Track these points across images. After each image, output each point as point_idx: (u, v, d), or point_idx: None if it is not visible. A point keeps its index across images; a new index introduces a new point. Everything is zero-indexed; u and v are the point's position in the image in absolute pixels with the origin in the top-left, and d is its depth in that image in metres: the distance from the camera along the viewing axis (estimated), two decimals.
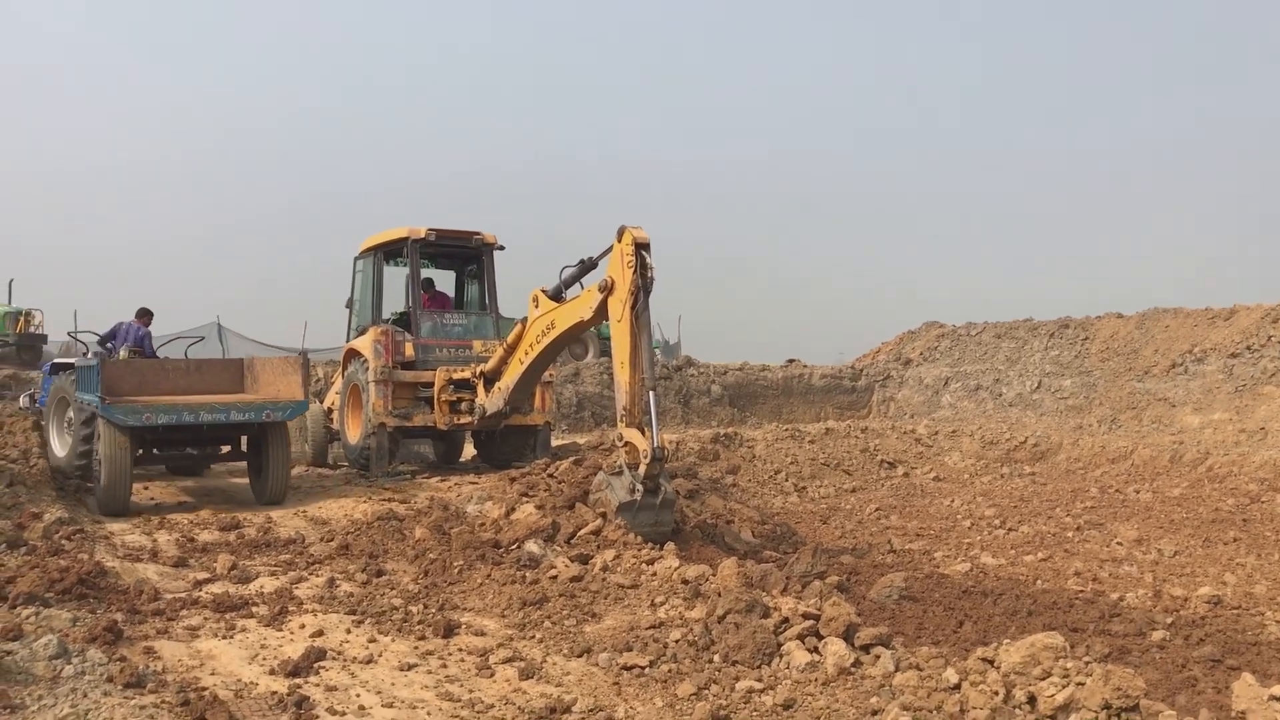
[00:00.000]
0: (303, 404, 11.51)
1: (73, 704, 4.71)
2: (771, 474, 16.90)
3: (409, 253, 14.02)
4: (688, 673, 5.56)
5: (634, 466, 8.59)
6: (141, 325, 14.29)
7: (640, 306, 8.79)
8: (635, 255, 8.78)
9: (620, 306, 8.91)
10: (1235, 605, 8.86)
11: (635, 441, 8.61)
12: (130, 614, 6.50)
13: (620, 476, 8.71)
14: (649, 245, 8.88)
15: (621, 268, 8.91)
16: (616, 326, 9.02)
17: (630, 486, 8.55)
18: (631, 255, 8.79)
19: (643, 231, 8.89)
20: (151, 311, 14.61)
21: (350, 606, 6.98)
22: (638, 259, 8.77)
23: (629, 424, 8.79)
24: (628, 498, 8.53)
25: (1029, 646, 5.03)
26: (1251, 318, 21.33)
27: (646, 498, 8.53)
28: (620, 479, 8.70)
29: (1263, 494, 13.72)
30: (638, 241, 8.82)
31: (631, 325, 8.80)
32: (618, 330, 9.00)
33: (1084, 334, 25.12)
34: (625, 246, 8.88)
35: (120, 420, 10.42)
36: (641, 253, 8.80)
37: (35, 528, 8.76)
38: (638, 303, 8.77)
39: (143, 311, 14.50)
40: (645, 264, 8.79)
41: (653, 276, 8.82)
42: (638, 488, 8.50)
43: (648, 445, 8.44)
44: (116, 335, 14.09)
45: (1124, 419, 21.09)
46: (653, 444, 8.41)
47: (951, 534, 12.64)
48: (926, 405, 26.62)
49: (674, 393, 24.80)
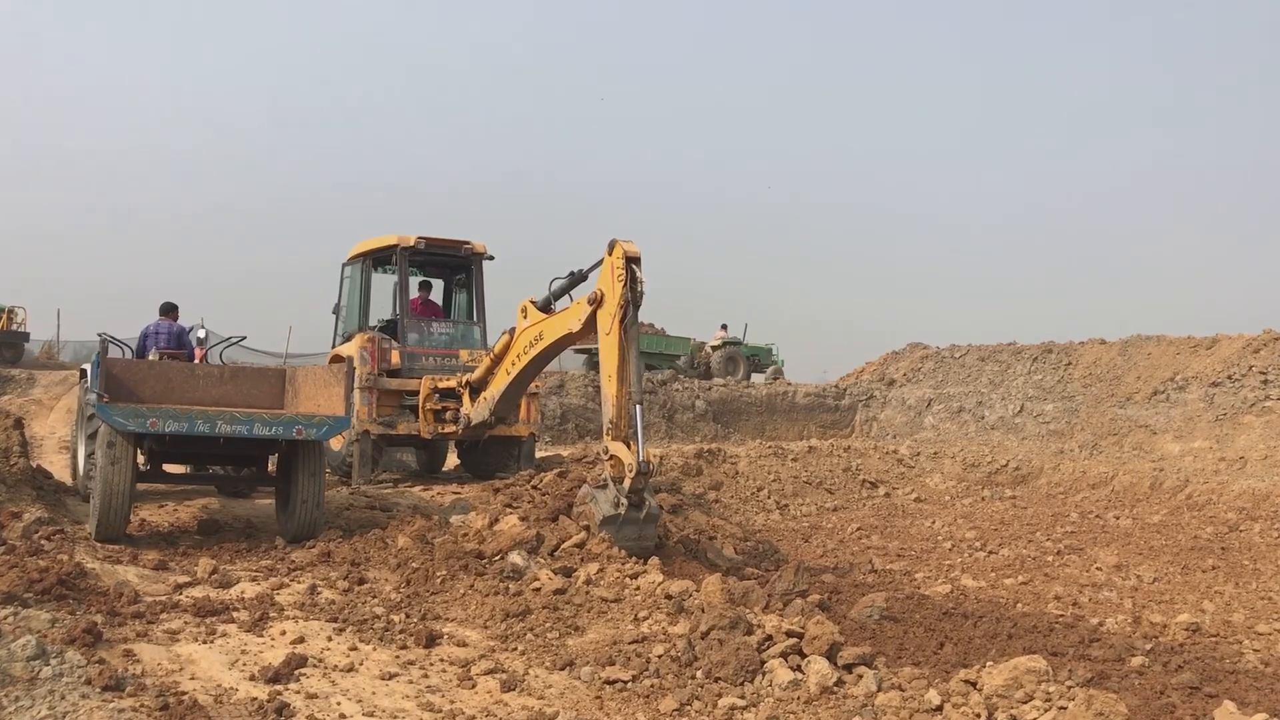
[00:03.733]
0: (343, 420, 9.60)
1: (50, 706, 4.66)
2: (754, 491, 16.92)
3: (398, 260, 13.99)
4: (670, 688, 5.55)
5: (619, 480, 8.56)
6: (171, 322, 12.76)
7: (629, 321, 8.78)
8: (626, 269, 8.76)
9: (609, 320, 8.90)
10: (1214, 633, 8.91)
11: (620, 455, 8.59)
12: (110, 616, 6.43)
13: (605, 490, 8.68)
14: (639, 259, 8.85)
15: (612, 281, 8.90)
16: (605, 339, 9.00)
17: (615, 500, 8.52)
18: (622, 269, 8.77)
19: (634, 245, 8.86)
20: (176, 305, 12.92)
21: (332, 614, 6.94)
22: (628, 273, 8.75)
23: (615, 437, 8.78)
24: (612, 512, 8.51)
25: (1011, 669, 5.04)
26: (1233, 347, 21.51)
27: (631, 512, 8.51)
28: (605, 492, 8.67)
29: (1241, 523, 13.82)
30: (628, 255, 8.79)
31: (620, 339, 8.80)
32: (606, 343, 8.98)
33: (1067, 359, 25.28)
34: (616, 260, 8.86)
35: (119, 424, 8.78)
36: (632, 266, 8.78)
37: (14, 527, 8.67)
38: (626, 317, 8.77)
39: (168, 307, 12.87)
40: (635, 278, 8.77)
41: (643, 291, 8.80)
42: (622, 502, 8.47)
43: (633, 460, 8.43)
44: (146, 339, 12.59)
45: (1105, 445, 21.21)
46: (638, 458, 8.41)
47: (932, 555, 12.68)
48: (909, 426, 26.71)
49: (658, 407, 24.81)
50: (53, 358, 32.84)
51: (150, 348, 12.48)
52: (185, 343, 12.80)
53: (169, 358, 12.01)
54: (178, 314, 12.98)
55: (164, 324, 12.77)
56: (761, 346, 33.52)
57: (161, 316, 12.85)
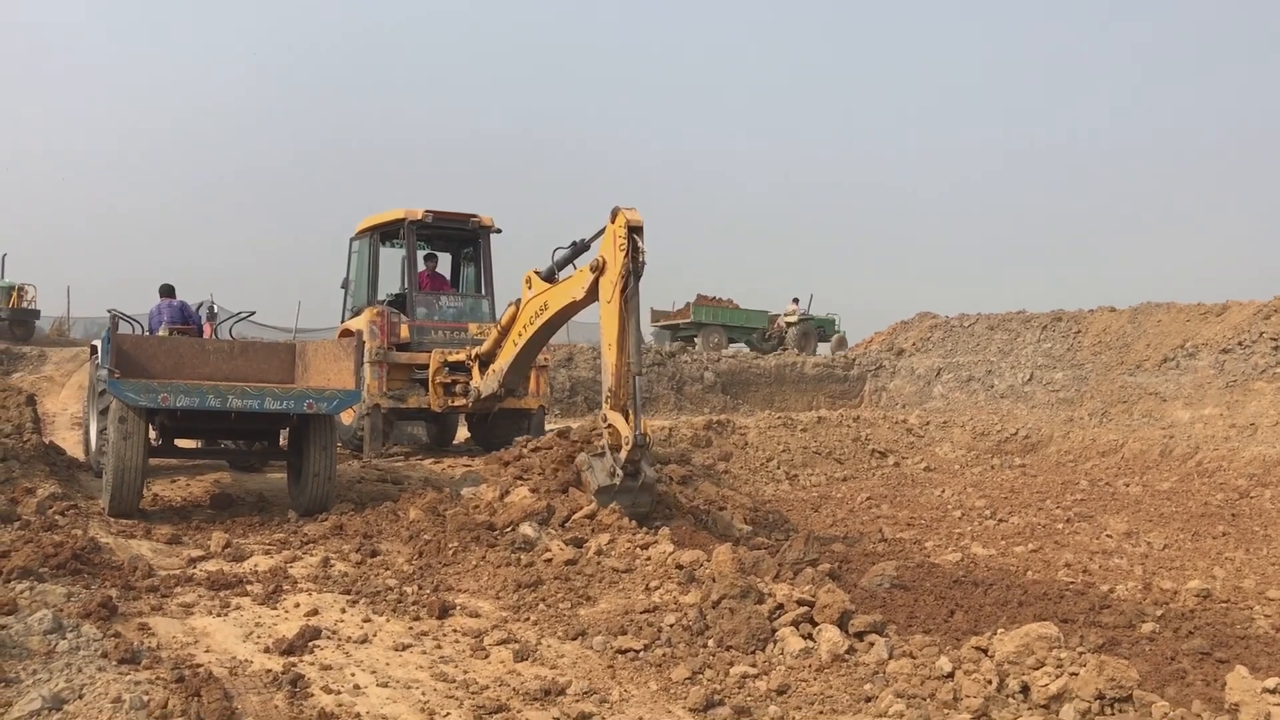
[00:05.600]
0: (354, 394, 9.67)
1: (67, 679, 4.70)
2: (763, 461, 16.94)
3: (405, 234, 13.99)
4: (682, 657, 5.58)
5: (616, 449, 8.62)
6: (173, 301, 13.01)
7: (630, 290, 8.76)
8: (628, 238, 8.71)
9: (610, 287, 8.89)
10: (1224, 599, 8.92)
11: (618, 425, 8.64)
12: (124, 590, 6.48)
13: (602, 459, 8.77)
14: (641, 229, 8.79)
15: (614, 249, 8.87)
16: (606, 307, 9.01)
17: (610, 470, 8.62)
18: (624, 238, 8.73)
19: (636, 214, 8.80)
20: (173, 285, 13.19)
21: (345, 586, 6.98)
22: (630, 242, 8.71)
23: (613, 406, 8.82)
24: (607, 481, 8.61)
25: (1023, 636, 5.05)
26: (1244, 314, 21.38)
27: (626, 481, 8.60)
28: (602, 461, 8.76)
29: (1252, 489, 13.80)
30: (630, 224, 8.74)
31: (620, 308, 8.80)
32: (606, 311, 8.99)
33: (1076, 327, 25.16)
34: (618, 228, 8.83)
35: (131, 399, 8.87)
36: (634, 236, 8.73)
37: (29, 503, 8.74)
38: (628, 286, 8.74)
39: (167, 288, 13.14)
40: (637, 248, 8.73)
41: (644, 260, 8.76)
42: (618, 472, 8.55)
43: (629, 432, 8.49)
44: (154, 318, 12.81)
45: (1115, 412, 21.15)
46: (635, 430, 8.45)
47: (942, 524, 12.69)
48: (918, 396, 26.66)
49: (667, 379, 24.81)
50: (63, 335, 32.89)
51: (158, 325, 12.59)
52: (192, 318, 12.92)
53: (178, 334, 12.04)
54: (175, 294, 13.18)
55: (168, 302, 12.97)
56: (826, 318, 34.20)
57: (162, 298, 13.05)
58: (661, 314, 32.62)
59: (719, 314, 32.10)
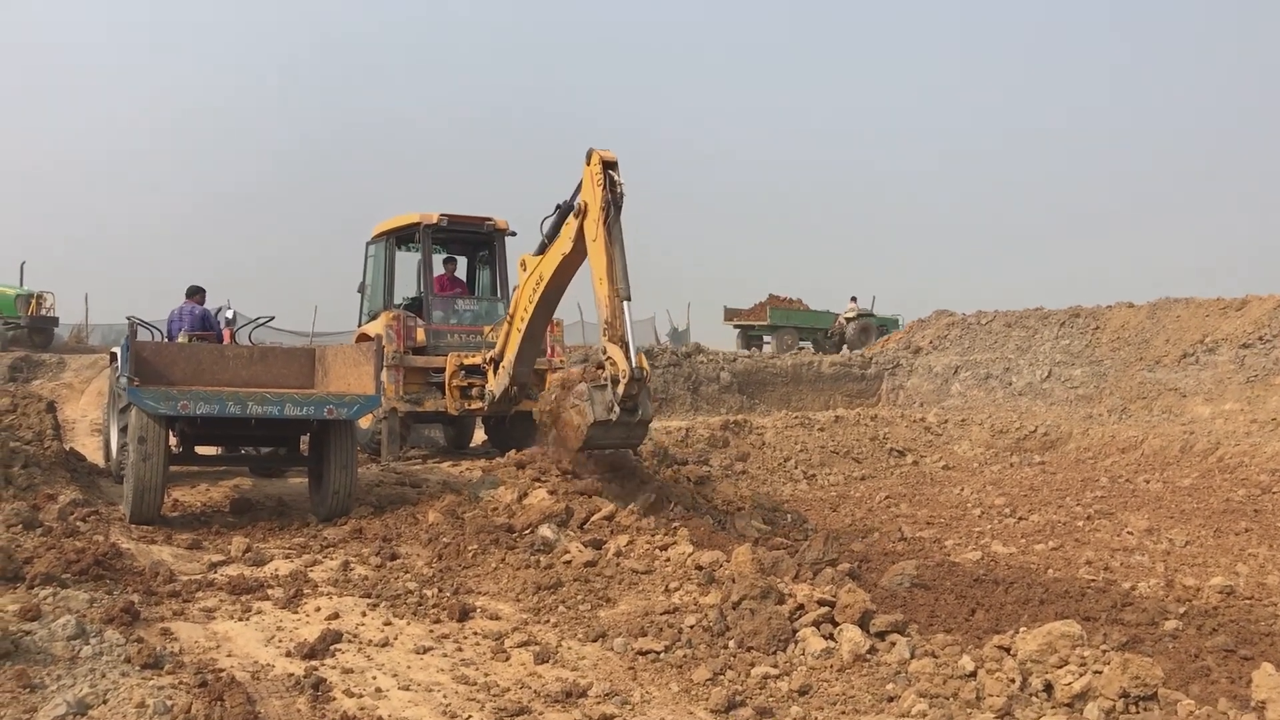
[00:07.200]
0: (374, 399, 9.57)
1: (91, 684, 4.73)
2: (781, 461, 16.92)
3: (421, 238, 14.02)
4: (703, 658, 5.57)
5: (616, 383, 8.69)
6: (196, 305, 12.82)
7: (611, 220, 8.98)
8: (604, 174, 9.00)
9: (595, 226, 9.11)
10: (1248, 595, 8.85)
11: (616, 358, 8.74)
12: (146, 595, 6.51)
13: (602, 392, 8.82)
14: (616, 164, 9.13)
15: (592, 188, 9.14)
16: (593, 246, 9.20)
17: (609, 406, 8.69)
18: (600, 174, 9.02)
19: (610, 152, 9.14)
20: (203, 288, 13.00)
21: (365, 590, 7.00)
22: (605, 177, 8.99)
23: (611, 338, 8.92)
24: (605, 416, 8.70)
25: (1045, 634, 5.02)
26: (1264, 308, 21.22)
27: (623, 416, 8.68)
28: (602, 394, 8.80)
29: (1274, 485, 13.70)
30: (605, 160, 9.07)
31: (605, 241, 8.96)
32: (594, 250, 9.19)
33: (1095, 323, 25.01)
34: (594, 167, 9.12)
35: (150, 407, 8.84)
36: (609, 171, 9.03)
37: (50, 509, 8.78)
38: (608, 217, 8.96)
39: (194, 289, 12.93)
40: (614, 181, 9.01)
41: (622, 192, 9.04)
42: (616, 409, 8.64)
43: (626, 366, 8.57)
44: (173, 323, 12.66)
45: (1134, 409, 21.02)
46: (631, 364, 8.50)
47: (962, 522, 12.64)
48: (936, 394, 26.55)
49: (683, 379, 24.77)
50: (82, 342, 33.07)
51: (178, 331, 12.48)
52: (212, 324, 12.80)
53: (198, 340, 12.01)
54: (204, 297, 13.01)
55: (190, 306, 12.79)
56: (889, 317, 34.45)
57: (188, 299, 12.86)
58: (734, 312, 33.14)
59: (792, 315, 32.83)
